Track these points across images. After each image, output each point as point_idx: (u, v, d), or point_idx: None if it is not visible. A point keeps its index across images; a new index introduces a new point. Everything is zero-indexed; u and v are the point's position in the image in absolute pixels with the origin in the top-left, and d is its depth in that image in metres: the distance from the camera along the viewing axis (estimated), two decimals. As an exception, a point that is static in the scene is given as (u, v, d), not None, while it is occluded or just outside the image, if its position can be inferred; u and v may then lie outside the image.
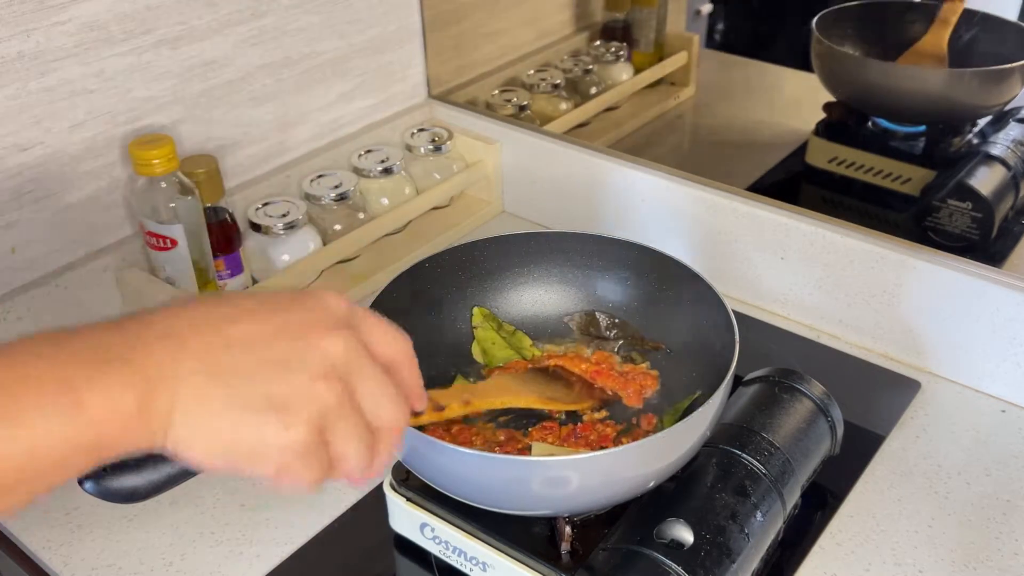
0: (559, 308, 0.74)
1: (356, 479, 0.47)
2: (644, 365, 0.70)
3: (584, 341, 0.73)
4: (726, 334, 0.61)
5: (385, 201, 1.01)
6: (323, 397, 0.43)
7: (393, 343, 0.48)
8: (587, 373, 0.69)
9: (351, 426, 0.45)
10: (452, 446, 0.53)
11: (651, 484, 0.57)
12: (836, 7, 1.03)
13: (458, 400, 0.58)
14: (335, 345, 0.44)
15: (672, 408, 0.67)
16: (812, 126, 1.04)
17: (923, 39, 0.99)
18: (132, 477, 0.49)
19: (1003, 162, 0.91)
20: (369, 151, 1.02)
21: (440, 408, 0.55)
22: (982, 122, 0.98)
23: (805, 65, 1.03)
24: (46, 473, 0.39)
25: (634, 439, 0.64)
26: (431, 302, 0.71)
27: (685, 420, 0.54)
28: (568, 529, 0.58)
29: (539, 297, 0.74)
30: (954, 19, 0.97)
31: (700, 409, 0.54)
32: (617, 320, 0.72)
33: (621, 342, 0.72)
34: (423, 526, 0.64)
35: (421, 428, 0.55)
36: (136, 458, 0.49)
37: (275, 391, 0.42)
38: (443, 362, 0.71)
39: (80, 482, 0.50)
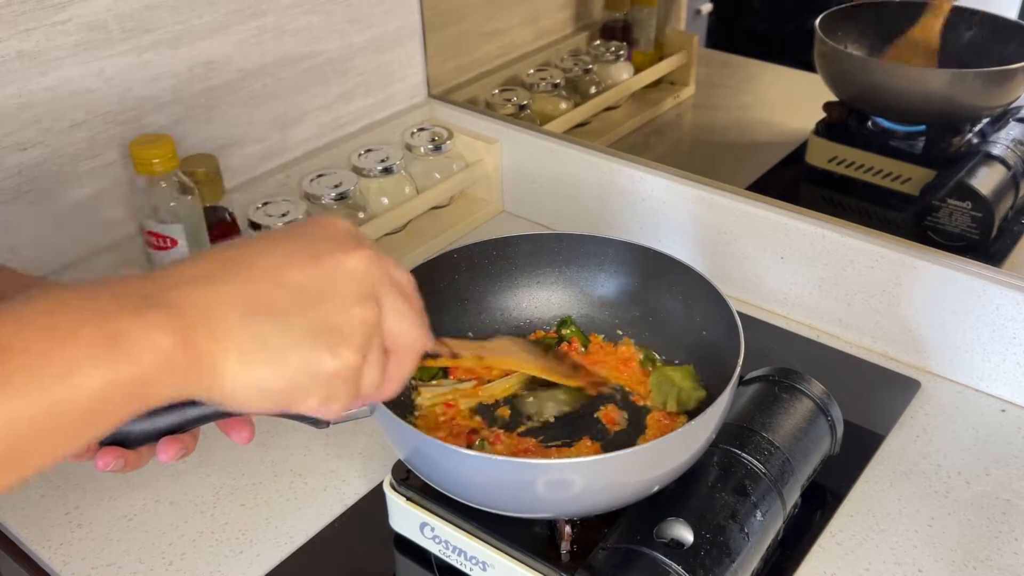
0: (561, 309, 0.74)
1: (372, 398, 0.47)
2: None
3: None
4: (730, 336, 0.61)
5: (385, 200, 1.01)
6: (365, 319, 0.43)
7: (402, 270, 0.47)
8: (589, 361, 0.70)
9: (377, 350, 0.44)
10: (454, 447, 0.53)
11: (655, 488, 0.57)
12: (839, 7, 1.03)
13: (472, 352, 0.59)
14: (359, 263, 0.44)
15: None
16: (812, 126, 1.04)
17: (913, 28, 0.99)
18: (125, 424, 0.51)
19: (1003, 162, 0.91)
20: (369, 150, 1.02)
21: (456, 355, 0.57)
22: (982, 121, 0.98)
23: (806, 65, 1.03)
24: (92, 420, 0.38)
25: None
26: (456, 294, 0.72)
27: (690, 423, 0.54)
28: (568, 529, 0.58)
29: (541, 298, 0.74)
30: (947, 7, 0.97)
31: (706, 412, 0.54)
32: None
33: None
34: (423, 526, 0.64)
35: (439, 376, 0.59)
36: None
37: (319, 319, 0.42)
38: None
39: None
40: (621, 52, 1.21)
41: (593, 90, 1.18)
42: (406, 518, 0.65)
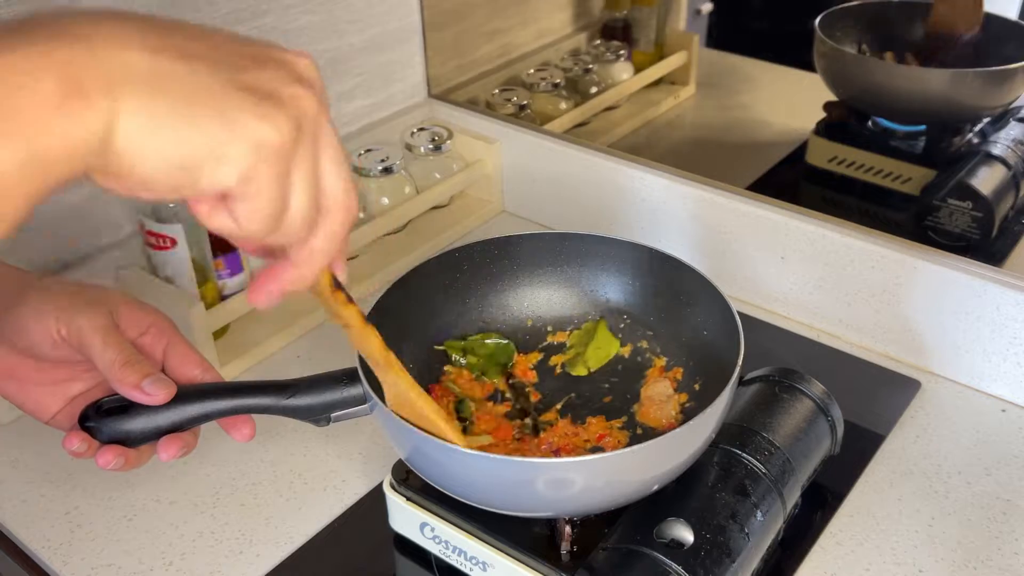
0: (564, 310, 0.74)
1: (276, 279, 0.39)
2: (662, 360, 0.70)
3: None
4: (730, 336, 0.61)
5: (385, 200, 1.01)
6: (303, 100, 0.35)
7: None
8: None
9: (310, 160, 0.36)
10: (455, 447, 0.53)
11: (655, 487, 0.57)
12: (839, 7, 1.03)
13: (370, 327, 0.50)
14: (305, 62, 0.37)
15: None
16: (812, 126, 1.04)
17: None
18: (127, 422, 0.52)
19: (1003, 161, 0.91)
20: (369, 150, 1.02)
21: (351, 300, 0.47)
22: (982, 121, 0.98)
23: (806, 65, 1.03)
24: None
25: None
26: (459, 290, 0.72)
27: (690, 423, 0.54)
28: (568, 529, 0.58)
29: (543, 297, 0.74)
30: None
31: (706, 411, 0.54)
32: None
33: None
34: (423, 526, 0.64)
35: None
36: (129, 404, 0.51)
37: (249, 78, 0.34)
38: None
39: (80, 421, 0.52)
40: (621, 52, 1.21)
41: (593, 90, 1.18)
42: (406, 518, 0.65)
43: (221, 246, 0.86)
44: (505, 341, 0.72)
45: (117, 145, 0.32)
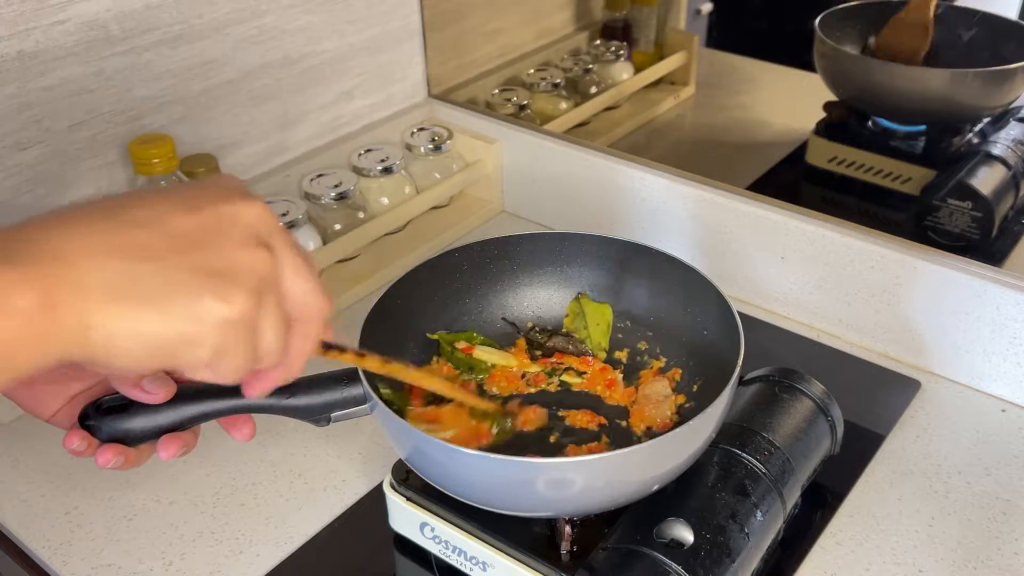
0: (564, 310, 0.74)
1: (265, 381, 0.43)
2: (660, 362, 0.70)
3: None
4: (730, 336, 0.61)
5: (385, 200, 1.01)
6: (254, 265, 0.39)
7: (302, 248, 0.43)
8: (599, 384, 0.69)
9: (274, 306, 0.40)
10: (454, 447, 0.53)
11: (655, 487, 0.57)
12: (839, 7, 1.03)
13: (379, 358, 0.54)
14: (247, 211, 0.40)
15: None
16: (812, 126, 1.04)
17: (907, 7, 0.98)
18: (127, 420, 0.52)
19: (1003, 161, 0.91)
20: (369, 150, 1.02)
21: (360, 354, 0.52)
22: (982, 121, 0.98)
23: (806, 65, 1.03)
24: None
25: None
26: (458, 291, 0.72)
27: (691, 423, 0.54)
28: (568, 529, 0.58)
29: (543, 297, 0.74)
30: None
31: (706, 411, 0.54)
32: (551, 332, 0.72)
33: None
34: (423, 526, 0.64)
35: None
36: (129, 403, 0.51)
37: (202, 261, 0.37)
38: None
39: (80, 420, 0.52)
40: (621, 52, 1.21)
41: (593, 90, 1.18)
42: (406, 518, 0.65)
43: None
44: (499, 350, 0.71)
45: (94, 342, 0.35)
